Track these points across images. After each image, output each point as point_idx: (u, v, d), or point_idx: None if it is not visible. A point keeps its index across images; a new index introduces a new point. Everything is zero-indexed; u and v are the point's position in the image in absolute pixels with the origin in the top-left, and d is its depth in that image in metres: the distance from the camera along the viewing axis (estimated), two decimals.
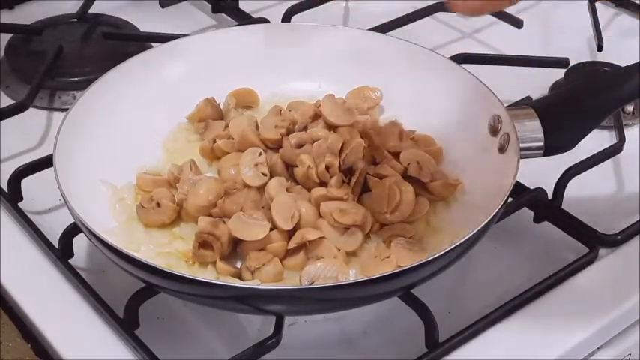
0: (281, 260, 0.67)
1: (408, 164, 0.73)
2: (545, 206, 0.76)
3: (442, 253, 0.61)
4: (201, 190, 0.69)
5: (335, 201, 0.69)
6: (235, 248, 0.68)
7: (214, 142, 0.76)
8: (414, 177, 0.72)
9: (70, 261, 0.71)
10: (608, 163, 0.82)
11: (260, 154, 0.72)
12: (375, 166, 0.73)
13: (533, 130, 0.72)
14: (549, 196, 0.76)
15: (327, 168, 0.70)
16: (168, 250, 0.69)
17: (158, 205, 0.70)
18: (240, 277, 0.67)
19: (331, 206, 0.68)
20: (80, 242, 0.71)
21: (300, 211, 0.68)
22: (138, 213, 0.71)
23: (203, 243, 0.67)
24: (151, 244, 0.69)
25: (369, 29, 0.91)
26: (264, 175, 0.71)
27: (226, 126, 0.78)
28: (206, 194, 0.69)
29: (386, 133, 0.76)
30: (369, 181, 0.72)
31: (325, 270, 0.65)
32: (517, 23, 0.99)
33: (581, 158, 0.78)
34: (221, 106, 0.81)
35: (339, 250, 0.67)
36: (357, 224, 0.68)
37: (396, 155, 0.74)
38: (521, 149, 0.69)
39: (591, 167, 0.78)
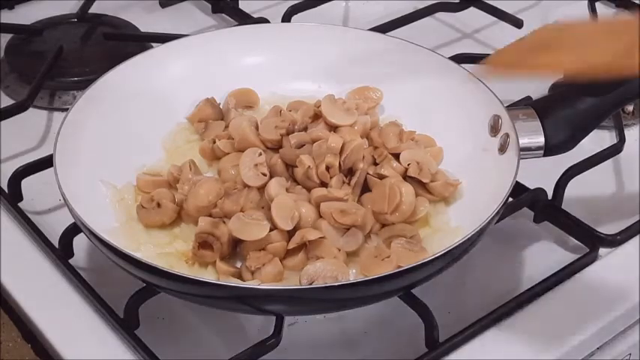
0: (281, 260, 0.67)
1: (408, 164, 0.73)
2: (545, 206, 0.76)
3: (442, 253, 0.61)
4: (202, 191, 0.69)
5: (335, 201, 0.69)
6: (235, 248, 0.68)
7: (214, 142, 0.76)
8: (414, 177, 0.72)
9: (70, 261, 0.71)
10: (608, 163, 0.82)
11: (260, 154, 0.72)
12: (375, 166, 0.73)
13: (533, 130, 0.72)
14: (549, 196, 0.76)
15: (327, 168, 0.70)
16: (168, 251, 0.69)
17: (158, 205, 0.70)
18: (240, 277, 0.66)
19: (331, 206, 0.68)
20: (80, 242, 0.72)
21: (300, 212, 0.68)
22: (138, 213, 0.71)
23: (203, 243, 0.67)
24: (150, 244, 0.69)
25: (369, 29, 0.91)
26: (264, 175, 0.71)
27: (226, 126, 0.78)
28: (206, 194, 0.69)
29: (386, 133, 0.76)
30: (369, 181, 0.72)
31: (325, 270, 0.65)
32: (517, 23, 0.99)
33: (581, 158, 0.78)
34: (221, 106, 0.81)
35: (339, 250, 0.67)
36: (357, 224, 0.68)
37: (396, 155, 0.74)
38: (521, 149, 0.70)
39: (591, 167, 0.78)
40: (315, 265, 0.66)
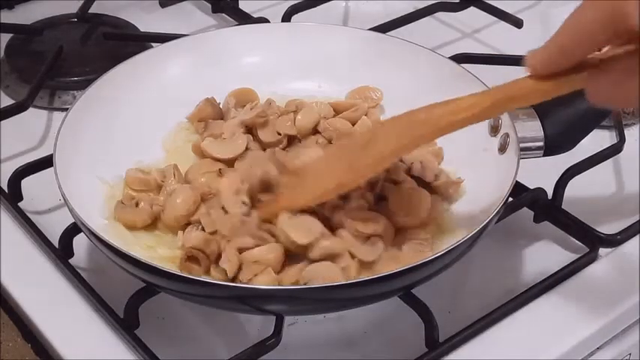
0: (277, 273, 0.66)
1: (411, 164, 0.73)
2: (545, 206, 0.76)
3: (442, 253, 0.61)
4: (178, 200, 0.69)
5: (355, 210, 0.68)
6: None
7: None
8: (418, 177, 0.72)
9: (70, 261, 0.71)
10: (608, 163, 0.82)
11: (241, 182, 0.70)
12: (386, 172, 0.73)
13: (533, 130, 0.72)
14: (549, 196, 0.76)
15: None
16: (152, 255, 0.68)
17: (137, 205, 0.70)
18: None
19: (354, 216, 0.67)
20: (80, 242, 0.71)
21: (312, 226, 0.66)
22: (116, 208, 0.70)
23: (191, 257, 0.66)
24: (137, 246, 0.68)
25: (369, 29, 0.91)
26: (245, 204, 0.68)
27: None
28: (184, 203, 0.68)
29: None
30: (385, 187, 0.71)
31: (325, 270, 0.65)
32: (517, 23, 0.99)
33: (581, 158, 0.78)
34: (221, 105, 0.81)
35: (354, 258, 0.66)
36: (378, 233, 0.67)
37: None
38: (521, 149, 0.70)
39: (591, 167, 0.78)
40: (315, 265, 0.65)
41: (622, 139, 0.82)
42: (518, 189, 0.75)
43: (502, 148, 0.72)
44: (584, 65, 0.57)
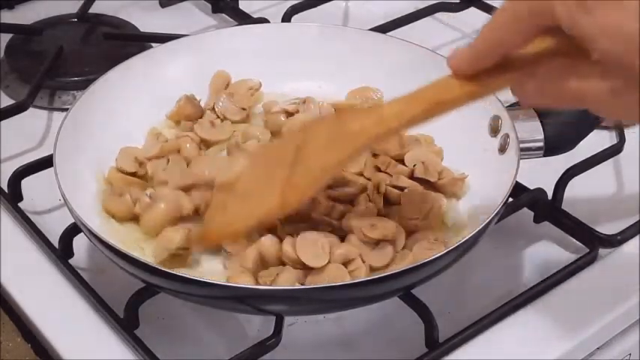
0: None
1: (414, 165, 0.73)
2: (545, 206, 0.76)
3: (442, 253, 0.61)
4: (160, 207, 0.68)
5: (365, 216, 0.68)
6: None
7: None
8: (421, 177, 0.72)
9: (70, 261, 0.71)
10: (608, 163, 0.82)
11: None
12: (389, 177, 0.72)
13: (533, 130, 0.72)
14: (549, 196, 0.76)
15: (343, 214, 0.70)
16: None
17: (120, 195, 0.69)
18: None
19: (361, 221, 0.68)
20: (80, 242, 0.71)
21: (324, 241, 0.66)
22: (104, 193, 0.70)
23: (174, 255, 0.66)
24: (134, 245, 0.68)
25: (369, 29, 0.91)
26: None
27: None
28: (160, 216, 0.68)
29: (385, 141, 0.75)
30: (391, 193, 0.71)
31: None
32: None
33: (581, 158, 0.78)
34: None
35: (364, 262, 0.66)
36: (388, 239, 0.67)
37: (399, 160, 0.74)
38: (521, 149, 0.70)
39: (591, 167, 0.78)
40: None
41: (622, 139, 0.82)
42: (518, 189, 0.75)
43: (502, 149, 0.72)
44: (511, 64, 0.53)
